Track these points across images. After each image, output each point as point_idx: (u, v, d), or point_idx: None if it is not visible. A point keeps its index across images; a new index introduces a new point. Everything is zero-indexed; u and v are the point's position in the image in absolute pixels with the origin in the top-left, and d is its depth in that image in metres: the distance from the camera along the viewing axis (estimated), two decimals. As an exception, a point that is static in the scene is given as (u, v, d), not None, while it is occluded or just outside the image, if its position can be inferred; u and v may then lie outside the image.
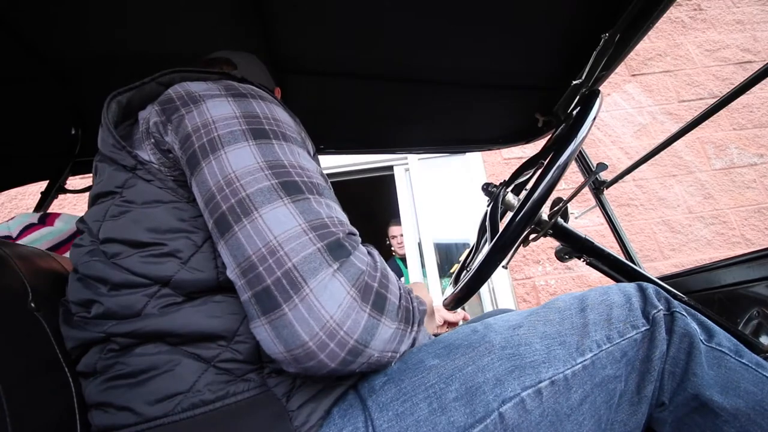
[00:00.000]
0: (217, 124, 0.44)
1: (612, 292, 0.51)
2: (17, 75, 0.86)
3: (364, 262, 0.40)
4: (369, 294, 0.38)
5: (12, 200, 2.40)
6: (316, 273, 0.36)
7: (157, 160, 0.47)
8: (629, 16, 0.71)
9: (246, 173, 0.40)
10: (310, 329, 0.35)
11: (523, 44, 0.86)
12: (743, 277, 0.73)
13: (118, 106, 0.52)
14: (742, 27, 2.77)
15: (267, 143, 0.43)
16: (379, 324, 0.38)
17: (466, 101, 1.07)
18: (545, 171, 0.54)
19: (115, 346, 0.41)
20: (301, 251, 0.37)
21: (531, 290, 2.27)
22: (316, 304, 0.35)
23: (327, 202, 0.42)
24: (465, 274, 0.66)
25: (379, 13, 0.78)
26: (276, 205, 0.38)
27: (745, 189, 2.43)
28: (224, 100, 0.47)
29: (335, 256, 0.38)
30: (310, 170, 0.44)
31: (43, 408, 0.39)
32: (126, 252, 0.43)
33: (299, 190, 0.41)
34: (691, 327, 0.47)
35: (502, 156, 2.56)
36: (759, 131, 2.55)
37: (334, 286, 0.36)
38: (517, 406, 0.40)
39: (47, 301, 0.46)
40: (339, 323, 0.35)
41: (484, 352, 0.44)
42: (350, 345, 0.36)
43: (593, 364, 0.44)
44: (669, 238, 2.36)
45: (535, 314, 0.49)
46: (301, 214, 0.39)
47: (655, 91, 2.64)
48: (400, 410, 0.40)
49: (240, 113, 0.45)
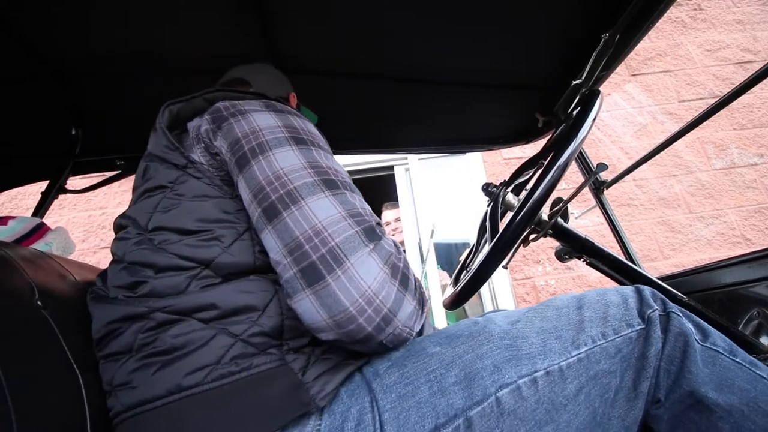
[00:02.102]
0: (263, 131, 0.51)
1: (610, 293, 0.53)
2: (17, 75, 0.86)
3: (391, 245, 0.47)
4: (397, 272, 0.44)
5: (12, 200, 2.40)
6: (356, 251, 0.42)
7: (206, 161, 0.54)
8: (629, 16, 0.71)
9: (292, 170, 0.47)
10: (351, 296, 0.41)
11: (523, 44, 0.86)
12: (743, 277, 0.73)
13: (170, 114, 0.59)
14: (742, 27, 2.77)
15: (307, 148, 0.51)
16: (404, 299, 0.44)
17: (466, 101, 1.07)
18: (545, 171, 0.54)
19: (152, 323, 0.44)
20: (343, 233, 0.43)
21: (531, 290, 2.27)
22: (356, 276, 0.41)
23: (358, 197, 0.50)
24: (465, 274, 0.66)
25: (379, 13, 0.78)
26: (319, 197, 0.45)
27: (745, 189, 2.43)
28: (266, 113, 0.54)
29: (370, 239, 0.44)
30: (341, 172, 0.52)
31: (50, 406, 0.39)
32: (173, 238, 0.49)
33: (337, 186, 0.48)
34: (686, 327, 0.49)
35: (502, 156, 2.56)
36: (759, 131, 2.55)
37: (370, 262, 0.42)
38: (513, 392, 0.43)
39: (53, 300, 0.46)
40: (375, 292, 0.41)
41: (483, 341, 0.47)
42: (384, 312, 0.42)
43: (588, 357, 0.46)
44: (669, 238, 2.35)
45: (533, 311, 0.52)
46: (341, 204, 0.46)
47: (655, 91, 2.64)
48: (402, 392, 0.43)
49: (282, 124, 0.53)
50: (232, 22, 0.81)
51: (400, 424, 0.40)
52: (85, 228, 2.36)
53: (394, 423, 0.40)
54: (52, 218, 2.27)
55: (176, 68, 0.91)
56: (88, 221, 2.37)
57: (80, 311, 0.52)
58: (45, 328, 0.43)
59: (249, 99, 0.58)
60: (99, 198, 2.39)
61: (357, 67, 0.95)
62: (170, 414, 0.39)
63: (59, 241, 0.89)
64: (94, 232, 2.35)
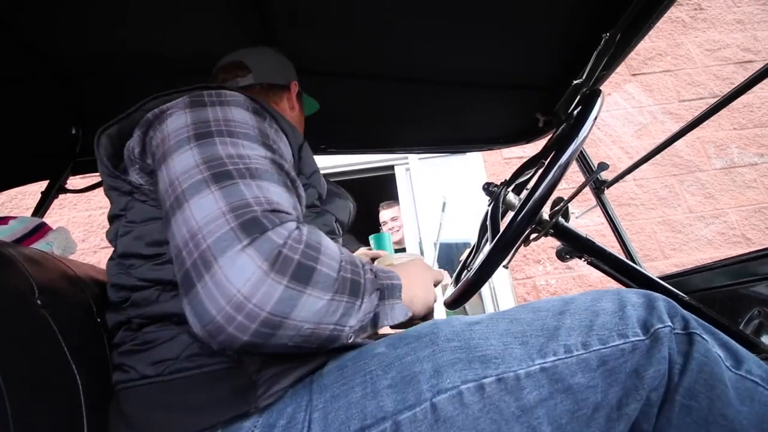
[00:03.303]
0: (170, 136, 0.49)
1: (606, 298, 0.47)
2: (17, 75, 0.86)
3: (283, 236, 0.40)
4: (288, 266, 0.39)
5: (12, 200, 2.40)
6: (226, 250, 0.38)
7: (145, 182, 0.53)
8: (630, 16, 0.71)
9: (184, 172, 0.44)
10: (217, 304, 0.37)
11: (524, 44, 0.86)
12: (744, 277, 0.73)
13: (109, 139, 0.58)
14: (743, 27, 2.77)
15: (208, 141, 0.47)
16: (302, 295, 0.39)
17: (466, 101, 1.07)
18: (546, 171, 0.54)
19: (133, 326, 0.50)
20: (216, 232, 0.39)
21: (531, 290, 2.27)
22: (223, 280, 0.37)
23: (260, 184, 0.44)
24: (466, 274, 0.66)
25: (378, 13, 0.78)
26: (203, 195, 0.42)
27: (745, 188, 2.43)
28: (182, 113, 0.51)
29: (247, 233, 0.39)
30: (251, 157, 0.47)
31: (47, 404, 0.39)
32: (137, 263, 0.51)
33: (229, 176, 0.44)
34: (712, 354, 0.41)
35: (503, 156, 2.56)
36: (759, 131, 2.55)
37: (242, 261, 0.37)
38: (453, 398, 0.40)
39: (54, 300, 0.46)
40: (247, 296, 0.36)
41: (427, 343, 0.44)
42: (263, 317, 0.37)
43: (555, 367, 0.41)
44: (669, 238, 2.36)
45: (505, 313, 0.48)
46: (224, 198, 0.41)
47: (655, 90, 2.64)
48: (336, 392, 0.42)
49: (191, 121, 0.49)
50: (232, 22, 0.81)
51: (327, 424, 0.40)
52: (85, 228, 2.36)
53: (321, 422, 0.40)
54: (52, 218, 2.27)
55: (176, 68, 0.90)
56: (88, 221, 2.38)
57: (80, 311, 0.52)
58: (44, 327, 0.44)
59: (178, 97, 0.55)
60: (99, 198, 2.39)
61: (357, 67, 0.94)
62: (139, 394, 0.46)
63: (60, 241, 0.89)
64: (94, 231, 2.36)
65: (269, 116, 0.57)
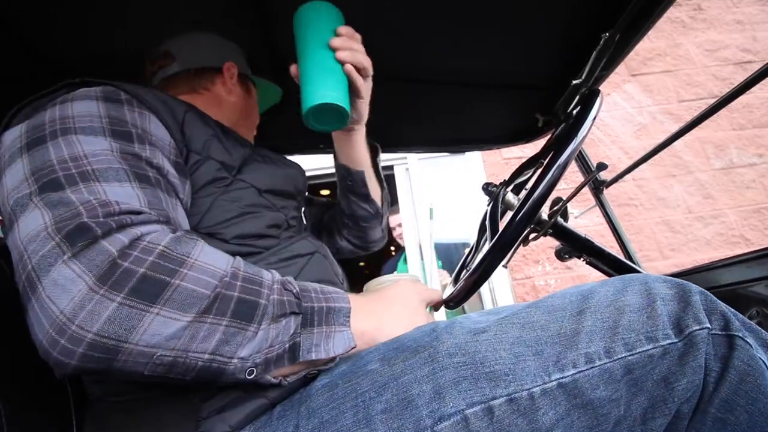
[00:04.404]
0: (6, 151, 0.44)
1: (631, 289, 0.39)
2: (17, 75, 0.86)
3: (121, 243, 0.35)
4: (125, 279, 0.34)
5: (12, 200, 2.40)
6: (50, 269, 0.33)
7: None
8: (629, 16, 0.71)
9: (13, 188, 0.40)
10: (42, 328, 0.33)
11: (523, 44, 0.86)
12: (743, 277, 0.73)
13: None
14: (742, 27, 2.77)
15: (40, 149, 0.42)
16: (146, 315, 0.33)
17: (466, 101, 1.07)
18: (545, 170, 0.54)
19: None
20: (40, 250, 0.35)
21: (531, 290, 2.27)
22: (46, 302, 0.33)
23: (95, 187, 0.39)
24: (465, 274, 0.66)
25: (378, 13, 0.78)
26: (29, 211, 0.38)
27: (744, 189, 2.43)
28: (16, 127, 0.46)
29: (72, 243, 0.34)
30: (89, 155, 0.42)
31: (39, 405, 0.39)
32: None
33: (58, 185, 0.39)
34: (757, 361, 0.35)
35: (502, 156, 2.56)
36: (759, 131, 2.55)
37: (65, 277, 0.33)
38: (457, 425, 0.34)
39: None
40: (70, 317, 0.32)
41: (426, 359, 0.38)
42: (88, 339, 0.32)
43: (575, 382, 0.35)
44: (669, 238, 2.36)
45: (516, 315, 0.41)
46: (50, 211, 0.37)
47: (655, 91, 2.64)
48: (325, 418, 0.37)
49: (25, 130, 0.45)
50: (232, 22, 0.81)
51: None
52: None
53: None
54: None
55: (176, 68, 0.90)
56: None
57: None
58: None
59: (25, 107, 0.50)
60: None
61: (357, 66, 0.94)
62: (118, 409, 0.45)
63: None
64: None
65: (131, 98, 0.51)
